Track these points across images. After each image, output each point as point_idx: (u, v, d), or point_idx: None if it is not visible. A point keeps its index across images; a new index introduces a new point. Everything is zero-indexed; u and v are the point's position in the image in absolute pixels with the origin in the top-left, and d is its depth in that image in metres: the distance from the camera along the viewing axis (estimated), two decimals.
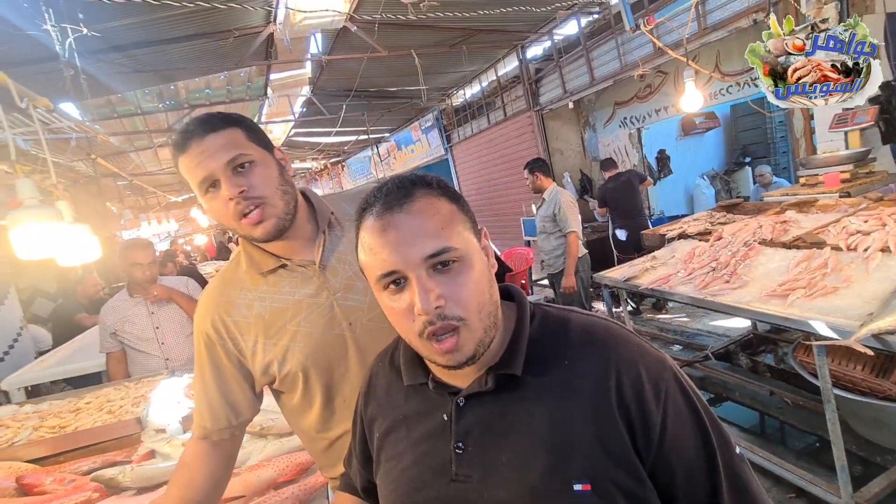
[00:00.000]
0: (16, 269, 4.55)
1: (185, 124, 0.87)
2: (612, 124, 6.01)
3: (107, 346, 2.46)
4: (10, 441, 1.65)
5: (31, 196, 1.55)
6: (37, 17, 2.21)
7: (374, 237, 0.59)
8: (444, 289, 0.57)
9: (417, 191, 0.60)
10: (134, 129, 6.13)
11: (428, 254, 0.57)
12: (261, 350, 0.94)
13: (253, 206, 0.85)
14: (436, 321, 0.57)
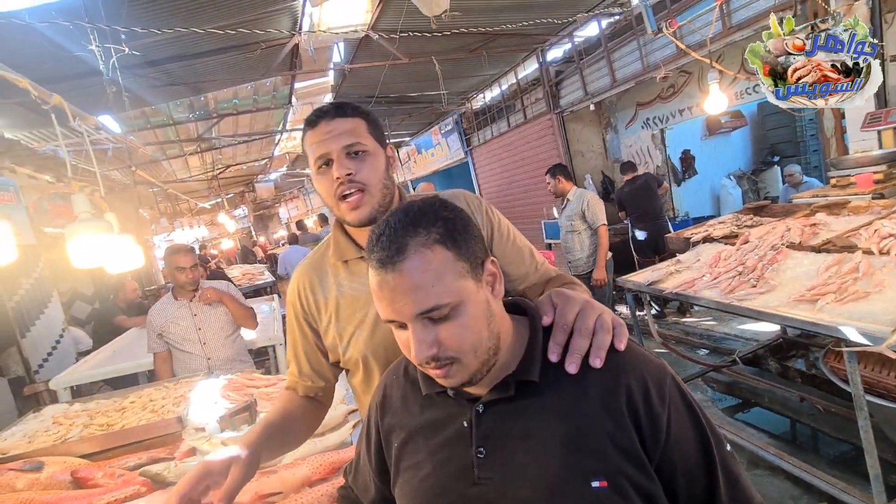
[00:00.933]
0: (57, 273, 4.80)
1: (321, 106, 0.97)
2: (635, 125, 5.95)
3: (154, 346, 2.61)
4: (63, 437, 1.76)
5: (86, 210, 1.66)
6: (83, 38, 2.36)
7: (374, 288, 0.62)
8: (437, 337, 0.61)
9: (410, 244, 0.60)
10: (166, 139, 6.37)
11: (419, 312, 0.60)
12: (332, 331, 1.03)
13: (354, 190, 0.92)
14: (430, 364, 0.62)
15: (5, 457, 1.61)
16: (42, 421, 1.94)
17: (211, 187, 9.92)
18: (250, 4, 3.41)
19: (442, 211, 0.64)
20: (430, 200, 0.67)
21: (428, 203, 0.66)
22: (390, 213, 0.66)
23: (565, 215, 3.87)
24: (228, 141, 7.20)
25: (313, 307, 1.05)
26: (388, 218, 0.64)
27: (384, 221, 0.64)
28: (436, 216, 0.63)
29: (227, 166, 9.06)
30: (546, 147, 6.63)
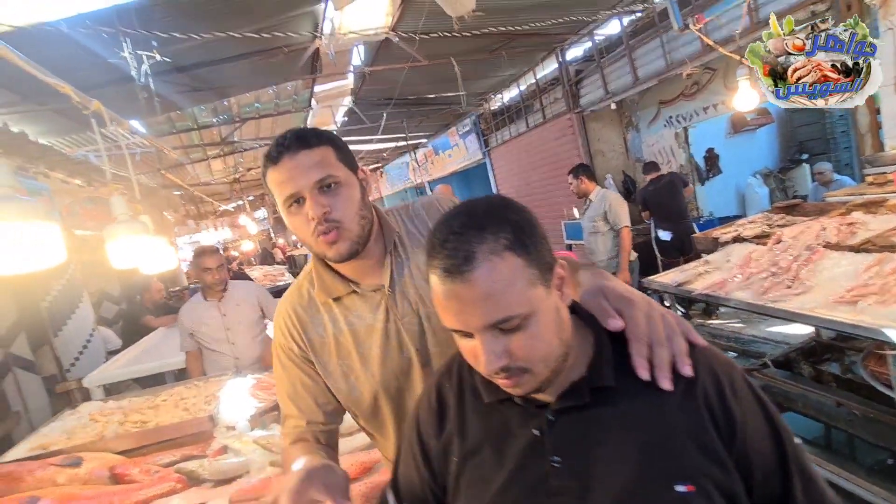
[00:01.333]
0: (86, 275, 4.94)
1: (280, 137, 0.88)
2: (657, 124, 5.85)
3: (185, 345, 2.68)
4: (100, 434, 1.81)
5: (123, 212, 1.72)
6: (115, 46, 2.43)
7: (439, 298, 0.60)
8: (507, 348, 0.58)
9: (478, 252, 0.56)
10: (190, 143, 6.52)
11: (489, 323, 0.57)
12: (333, 370, 0.97)
13: (332, 228, 0.86)
14: (499, 375, 0.60)
15: (46, 452, 1.66)
16: (79, 418, 2.00)
17: (233, 190, 10.12)
18: (274, 9, 3.46)
19: (508, 212, 0.60)
20: (494, 201, 0.63)
21: (493, 204, 0.62)
22: (451, 215, 0.62)
23: (587, 216, 3.83)
24: (250, 144, 7.33)
25: (308, 348, 0.97)
26: (450, 221, 0.60)
27: (446, 225, 0.60)
28: (503, 219, 0.59)
29: (249, 169, 9.22)
30: (566, 147, 6.57)
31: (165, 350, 3.66)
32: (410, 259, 0.98)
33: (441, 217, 0.63)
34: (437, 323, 0.93)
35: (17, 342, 4.47)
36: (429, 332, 0.95)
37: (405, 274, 0.96)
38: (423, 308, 0.95)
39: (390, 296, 0.95)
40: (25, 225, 0.90)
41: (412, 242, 0.99)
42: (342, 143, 0.92)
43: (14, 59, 1.21)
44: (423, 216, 1.03)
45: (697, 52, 4.26)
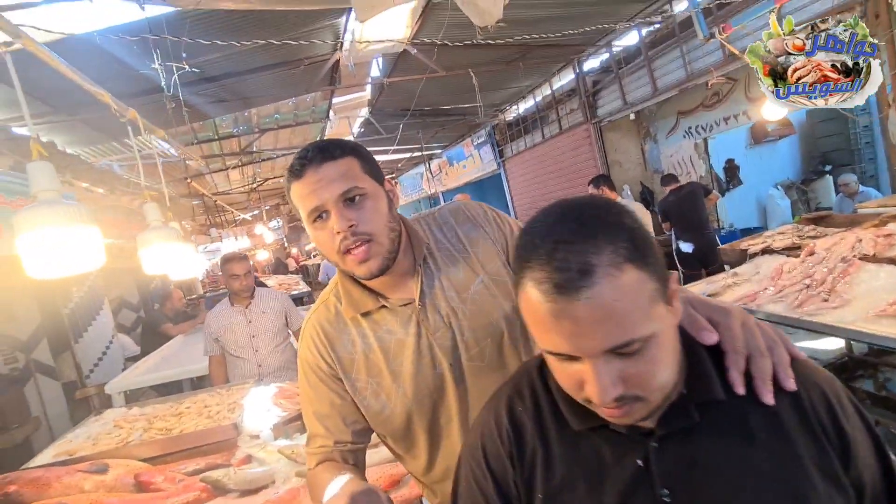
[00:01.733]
0: (107, 282, 5.01)
1: (303, 150, 0.84)
2: (676, 134, 5.80)
3: (209, 349, 2.69)
4: (124, 440, 1.80)
5: (156, 218, 1.73)
6: (146, 57, 2.49)
7: (542, 317, 0.51)
8: (623, 374, 0.51)
9: (596, 265, 0.48)
10: (210, 153, 6.63)
11: (607, 348, 0.50)
12: (362, 388, 0.92)
13: (360, 243, 0.82)
14: (611, 405, 0.52)
15: (73, 458, 1.66)
16: (104, 424, 2.00)
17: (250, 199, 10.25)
18: (297, 22, 3.52)
19: (623, 216, 0.52)
20: (598, 202, 0.54)
21: (600, 206, 0.53)
22: (552, 217, 0.53)
23: None
24: (268, 154, 7.43)
25: (337, 365, 0.92)
26: (553, 226, 0.52)
27: (547, 230, 0.52)
28: (618, 225, 0.51)
29: (266, 179, 9.34)
30: (582, 157, 6.54)
31: (184, 358, 3.67)
32: (441, 270, 0.94)
33: (535, 221, 0.54)
34: (471, 337, 0.91)
35: (38, 348, 4.53)
36: (462, 347, 0.91)
37: (436, 286, 0.93)
38: (456, 321, 0.91)
39: (421, 310, 0.91)
40: (69, 228, 0.91)
41: (442, 252, 0.95)
42: (367, 154, 0.88)
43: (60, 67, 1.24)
44: (451, 223, 0.98)
45: (719, 62, 4.23)
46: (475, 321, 0.91)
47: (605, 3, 4.34)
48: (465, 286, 0.93)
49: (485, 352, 0.92)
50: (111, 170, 5.02)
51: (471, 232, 0.97)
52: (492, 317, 0.92)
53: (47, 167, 1.00)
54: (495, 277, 0.94)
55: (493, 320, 0.92)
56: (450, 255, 0.95)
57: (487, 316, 0.92)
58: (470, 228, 0.97)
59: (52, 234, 0.91)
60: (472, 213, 0.99)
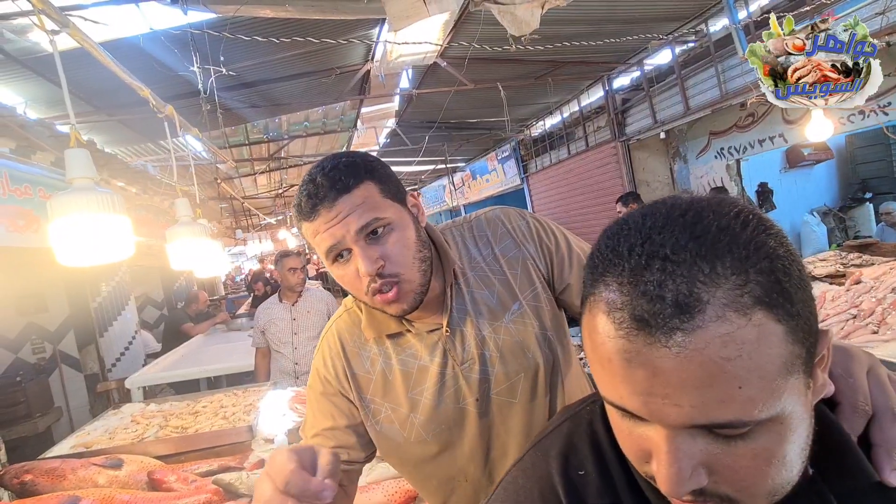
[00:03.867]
0: (133, 279, 5.13)
1: (309, 184, 0.72)
2: (707, 155, 5.67)
3: (257, 341, 2.82)
4: (140, 436, 1.80)
5: (186, 214, 1.76)
6: (186, 60, 2.57)
7: (610, 355, 0.35)
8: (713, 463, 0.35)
9: (709, 303, 0.32)
10: (240, 157, 6.80)
11: (700, 423, 0.33)
12: (376, 410, 0.84)
13: (389, 285, 0.72)
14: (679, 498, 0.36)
15: (89, 451, 1.66)
16: (121, 418, 2.00)
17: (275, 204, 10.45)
18: (331, 32, 3.59)
19: (766, 234, 0.34)
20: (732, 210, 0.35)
21: (735, 216, 0.35)
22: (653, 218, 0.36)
23: None
24: (295, 161, 7.57)
25: (351, 382, 0.85)
26: (653, 231, 0.35)
27: (641, 235, 0.35)
28: (757, 246, 0.33)
29: (292, 185, 9.51)
30: (608, 176, 6.44)
31: (202, 357, 3.71)
32: (474, 293, 0.84)
33: (626, 221, 0.38)
34: (501, 371, 0.82)
35: (65, 340, 4.65)
36: (493, 380, 0.82)
37: (467, 312, 0.83)
38: (487, 352, 0.82)
39: (449, 337, 0.82)
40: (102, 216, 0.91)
41: (476, 272, 0.85)
42: (384, 172, 0.76)
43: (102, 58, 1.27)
44: (487, 237, 0.88)
45: (755, 82, 4.12)
46: (508, 353, 0.82)
47: (638, 21, 4.31)
48: (499, 314, 0.83)
49: (516, 388, 0.83)
50: (145, 170, 5.18)
51: (510, 250, 0.86)
52: (527, 349, 0.82)
53: (84, 154, 1.01)
54: (533, 303, 0.84)
55: (528, 353, 0.82)
56: (484, 277, 0.85)
57: (522, 348, 0.82)
58: (509, 246, 0.87)
59: (84, 220, 0.91)
60: (513, 227, 0.88)
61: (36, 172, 2.76)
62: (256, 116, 5.07)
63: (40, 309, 4.51)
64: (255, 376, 2.88)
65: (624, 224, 0.38)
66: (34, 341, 4.44)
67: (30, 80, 3.18)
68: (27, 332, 4.43)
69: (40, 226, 2.61)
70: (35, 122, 2.90)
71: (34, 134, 2.87)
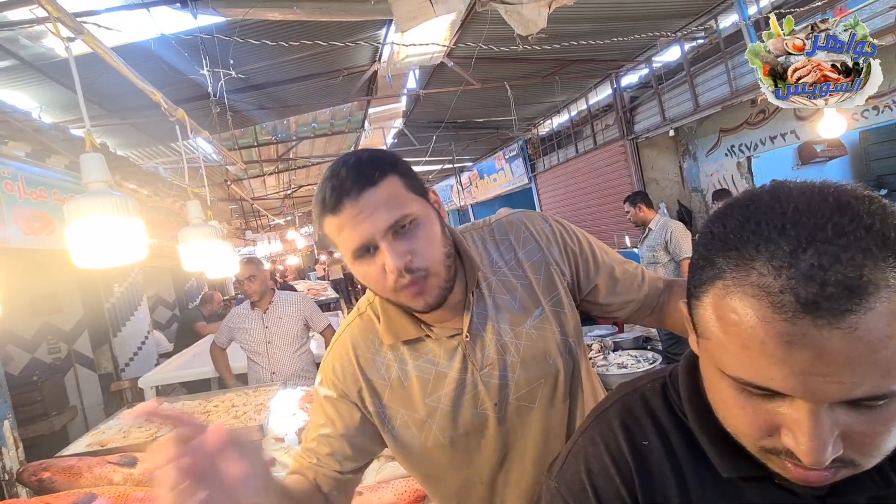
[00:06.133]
0: (146, 280, 5.21)
1: (333, 177, 0.71)
2: (717, 152, 5.61)
3: (219, 339, 2.81)
4: (154, 435, 1.82)
5: (198, 216, 1.78)
6: (196, 63, 2.60)
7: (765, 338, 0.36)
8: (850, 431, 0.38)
9: (879, 286, 0.34)
10: (249, 159, 6.86)
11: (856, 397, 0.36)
12: (392, 416, 0.84)
13: (417, 279, 0.72)
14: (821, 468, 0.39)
15: (104, 449, 1.69)
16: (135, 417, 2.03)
17: (284, 205, 10.53)
18: (338, 33, 3.61)
19: None
20: (866, 195, 0.38)
21: (876, 204, 0.37)
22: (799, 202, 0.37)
23: (647, 246, 3.66)
24: (304, 162, 7.62)
25: (366, 388, 0.83)
26: (805, 215, 0.36)
27: (792, 218, 0.36)
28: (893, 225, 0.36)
29: (300, 186, 9.58)
30: (617, 174, 6.41)
31: None
32: (496, 298, 0.83)
33: (761, 202, 0.39)
34: (522, 377, 0.82)
35: (80, 340, 4.73)
36: (512, 386, 0.81)
37: (488, 317, 0.83)
38: (509, 357, 0.82)
39: (469, 343, 0.81)
40: (116, 219, 0.93)
41: (497, 277, 0.84)
42: (407, 166, 0.76)
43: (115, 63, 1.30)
44: (510, 241, 0.86)
45: None
46: (529, 359, 0.82)
47: (646, 17, 4.27)
48: (521, 319, 0.83)
49: (535, 393, 0.82)
50: (157, 172, 5.25)
51: (534, 255, 0.86)
52: (549, 355, 0.83)
53: (99, 158, 1.04)
54: (555, 309, 0.84)
55: (549, 359, 0.83)
56: (506, 282, 0.84)
57: (543, 354, 0.82)
58: (533, 250, 0.86)
59: (99, 223, 0.93)
60: (536, 231, 0.87)
61: (51, 176, 2.81)
62: (265, 118, 5.11)
63: (55, 309, 4.59)
64: (220, 373, 2.89)
65: (752, 206, 0.39)
66: (50, 341, 4.52)
67: (44, 84, 3.24)
68: (43, 333, 4.52)
69: (55, 228, 2.66)
70: (50, 127, 2.96)
71: (49, 138, 2.93)
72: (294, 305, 2.73)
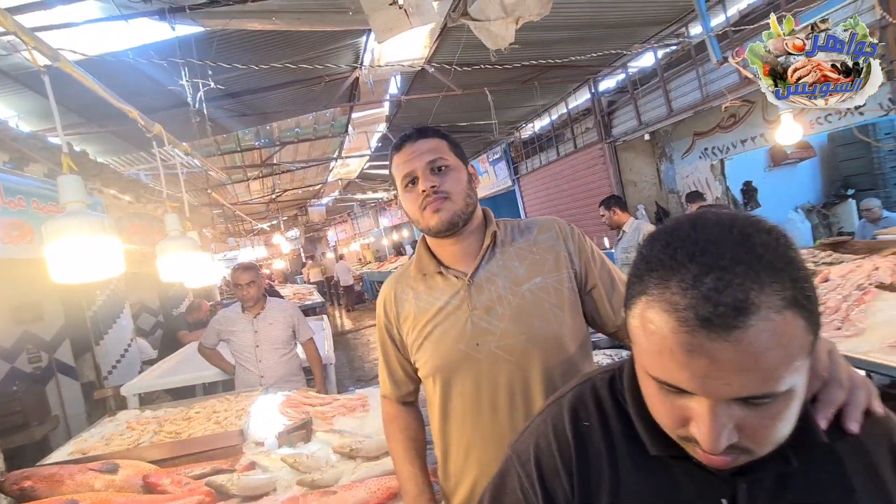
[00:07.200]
0: (128, 287, 5.17)
1: (405, 133, 1.04)
2: (692, 155, 5.77)
3: (207, 340, 2.84)
4: (135, 442, 1.86)
5: (175, 228, 1.82)
6: (175, 74, 2.63)
7: (671, 348, 0.44)
8: (741, 424, 0.45)
9: (757, 305, 0.41)
10: (232, 164, 6.84)
11: (742, 396, 0.44)
12: (412, 341, 1.06)
13: (440, 199, 0.96)
14: (717, 453, 0.46)
15: (86, 456, 1.72)
16: (117, 425, 2.06)
17: (268, 209, 10.50)
18: (319, 42, 3.66)
19: (793, 250, 0.45)
20: (767, 227, 0.46)
21: (771, 233, 0.45)
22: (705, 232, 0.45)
23: (621, 247, 3.77)
24: (287, 167, 7.62)
25: (397, 317, 1.08)
26: (708, 243, 0.44)
27: (698, 246, 0.44)
28: (789, 260, 0.44)
29: (285, 190, 9.55)
30: (596, 176, 6.54)
31: (198, 363, 3.73)
32: (506, 259, 1.03)
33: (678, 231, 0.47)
34: (510, 327, 0.96)
35: (61, 348, 4.69)
36: (497, 332, 0.97)
37: (494, 270, 1.01)
38: (501, 308, 0.98)
39: (471, 284, 1.00)
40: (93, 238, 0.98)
41: (514, 247, 1.04)
42: (455, 141, 1.04)
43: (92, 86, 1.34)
44: (533, 230, 1.07)
45: (735, 85, 4.22)
46: (519, 315, 0.97)
47: (620, 25, 4.39)
48: (522, 281, 1.00)
49: (515, 347, 0.97)
50: (138, 179, 5.22)
51: (550, 241, 1.05)
52: (539, 318, 0.97)
53: (76, 180, 1.08)
54: (555, 285, 1.01)
55: (538, 322, 0.97)
56: (519, 253, 1.04)
57: (533, 315, 0.97)
58: (549, 238, 1.05)
59: (76, 243, 0.98)
60: (560, 227, 1.07)
61: (29, 184, 2.81)
62: (246, 125, 5.13)
63: (36, 318, 4.55)
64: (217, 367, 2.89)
65: (674, 234, 0.47)
66: (30, 350, 4.47)
67: (22, 93, 3.23)
68: (23, 342, 4.47)
69: (34, 237, 2.67)
70: (28, 135, 2.96)
71: (27, 146, 2.93)
72: (285, 312, 2.78)
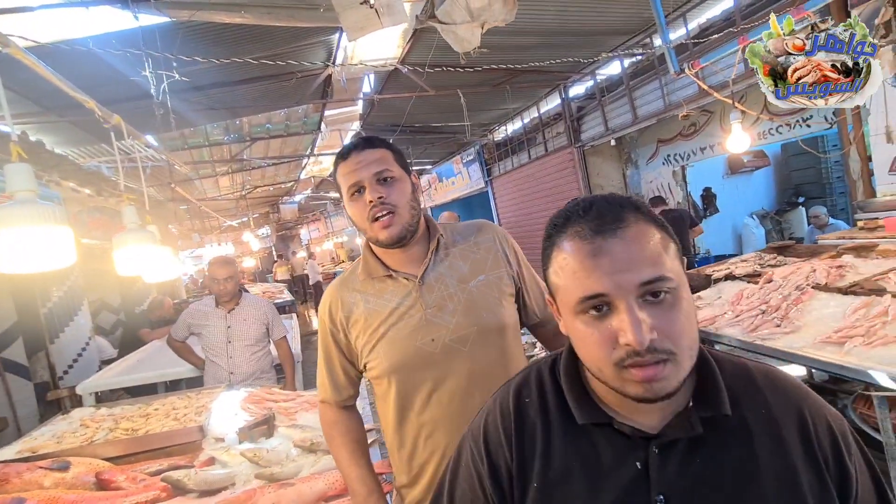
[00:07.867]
0: (88, 283, 4.98)
1: (352, 140, 1.10)
2: (656, 161, 5.99)
3: (177, 333, 2.78)
4: (89, 439, 1.82)
5: (133, 221, 1.78)
6: (138, 65, 2.56)
7: (581, 260, 0.56)
8: (656, 321, 0.53)
9: (629, 215, 0.57)
10: (200, 159, 6.67)
11: (643, 280, 0.54)
12: (362, 344, 1.09)
13: (386, 212, 1.01)
14: (644, 354, 0.53)
15: (35, 455, 1.67)
16: (70, 423, 2.01)
17: (238, 206, 10.26)
18: (289, 37, 3.63)
19: (640, 204, 0.61)
20: (629, 196, 0.64)
21: (625, 196, 0.62)
22: (582, 201, 0.61)
23: None
24: (259, 163, 7.48)
25: (345, 322, 1.10)
26: (584, 202, 0.60)
27: (580, 205, 0.60)
28: (638, 204, 0.60)
29: (256, 187, 9.37)
30: (566, 180, 6.70)
31: (160, 361, 3.66)
32: (451, 260, 1.10)
33: (565, 208, 0.62)
34: (462, 321, 1.04)
35: (12, 347, 4.46)
36: (450, 327, 1.04)
37: (441, 271, 1.08)
38: (451, 304, 1.06)
39: (420, 286, 1.06)
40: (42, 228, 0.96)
41: (457, 248, 1.12)
42: (400, 151, 1.10)
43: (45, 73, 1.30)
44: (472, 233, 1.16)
45: (695, 95, 4.42)
46: (469, 309, 1.06)
47: (588, 34, 4.53)
48: (467, 279, 1.09)
49: (468, 338, 1.05)
50: (99, 171, 5.03)
51: (488, 242, 1.15)
52: (486, 310, 1.06)
53: (24, 168, 1.06)
54: (496, 281, 1.10)
55: (485, 314, 1.06)
56: (462, 254, 1.12)
57: (481, 309, 1.06)
58: (488, 240, 1.15)
59: (24, 232, 0.96)
60: (495, 231, 1.17)
61: None
62: (212, 119, 5.02)
63: None
64: (187, 361, 2.85)
65: (568, 206, 0.62)
66: None
67: None
68: None
69: None
70: None
71: None
72: (260, 309, 2.75)
